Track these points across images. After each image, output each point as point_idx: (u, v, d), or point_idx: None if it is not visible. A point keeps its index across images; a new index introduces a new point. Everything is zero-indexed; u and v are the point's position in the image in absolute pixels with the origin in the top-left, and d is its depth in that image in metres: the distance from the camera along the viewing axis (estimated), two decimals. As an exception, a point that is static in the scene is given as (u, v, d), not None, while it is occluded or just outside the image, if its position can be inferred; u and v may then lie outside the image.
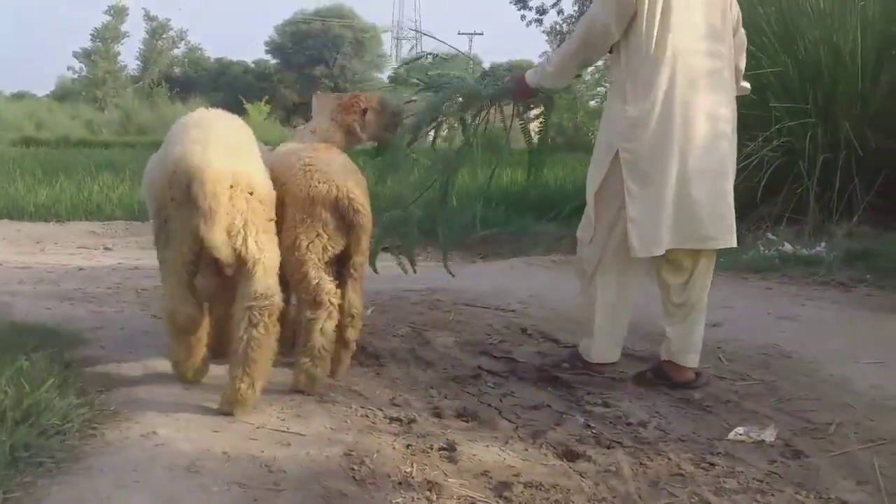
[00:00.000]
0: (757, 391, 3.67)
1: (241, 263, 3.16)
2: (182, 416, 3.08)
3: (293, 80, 49.42)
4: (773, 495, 2.67)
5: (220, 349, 3.55)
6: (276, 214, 3.35)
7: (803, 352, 4.20)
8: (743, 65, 3.90)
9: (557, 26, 25.40)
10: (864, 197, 6.99)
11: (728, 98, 3.69)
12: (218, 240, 3.05)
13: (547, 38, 25.15)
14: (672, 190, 3.55)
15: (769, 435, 3.14)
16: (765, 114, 7.15)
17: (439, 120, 4.26)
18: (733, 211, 3.69)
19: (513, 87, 3.99)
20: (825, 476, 2.82)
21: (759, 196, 6.93)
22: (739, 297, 5.45)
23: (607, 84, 3.89)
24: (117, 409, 3.09)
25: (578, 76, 4.20)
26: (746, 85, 3.99)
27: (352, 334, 3.62)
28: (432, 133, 4.43)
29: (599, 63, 4.04)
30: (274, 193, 3.34)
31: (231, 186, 3.11)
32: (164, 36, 47.94)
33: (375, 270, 4.35)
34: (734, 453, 3.00)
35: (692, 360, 3.77)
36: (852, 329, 4.69)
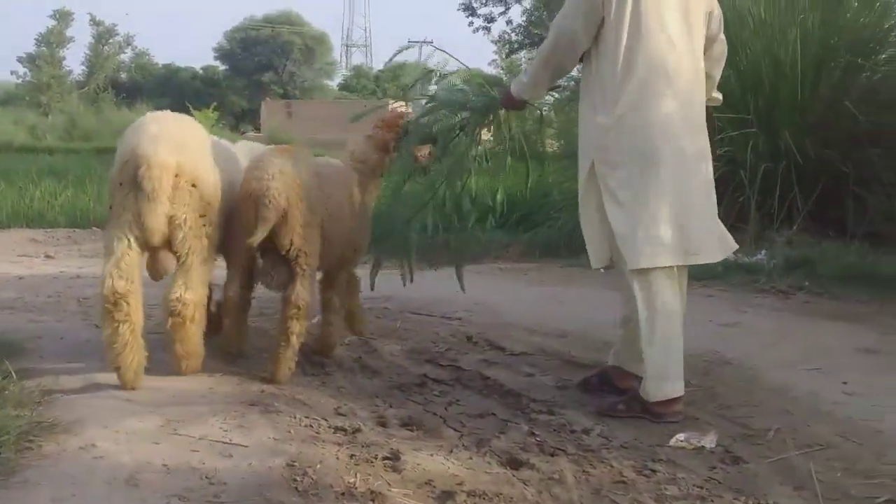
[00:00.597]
0: (698, 398, 3.72)
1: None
2: (122, 428, 3.03)
3: (242, 86, 49.05)
4: (712, 501, 2.71)
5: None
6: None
7: (744, 359, 4.28)
8: (717, 74, 3.79)
9: (506, 35, 25.57)
10: (803, 206, 7.14)
11: (701, 104, 3.62)
12: (155, 222, 3.41)
13: (495, 46, 25.28)
14: (655, 201, 3.43)
15: (709, 441, 3.19)
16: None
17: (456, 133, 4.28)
18: (718, 221, 3.60)
19: (503, 99, 3.96)
20: (763, 482, 2.87)
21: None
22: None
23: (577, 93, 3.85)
24: (55, 422, 3.04)
25: (557, 86, 4.26)
26: (718, 95, 3.89)
27: (296, 327, 3.64)
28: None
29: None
30: (218, 191, 3.63)
31: (176, 176, 3.44)
32: (111, 41, 47.20)
33: (372, 287, 4.50)
34: (675, 460, 3.04)
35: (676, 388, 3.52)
36: (791, 336, 4.78)
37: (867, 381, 3.93)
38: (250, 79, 49.53)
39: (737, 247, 3.70)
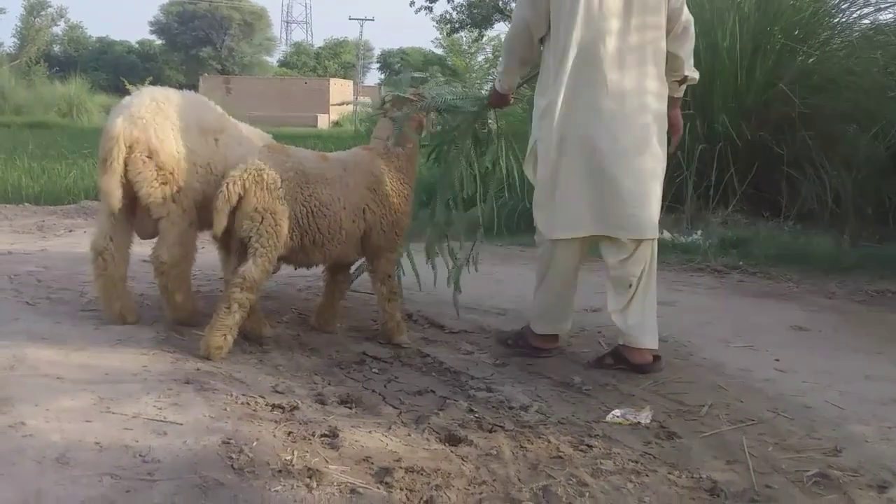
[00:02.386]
0: (634, 375, 3.77)
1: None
2: (53, 406, 2.97)
3: (179, 61, 48.24)
4: (647, 475, 2.75)
5: None
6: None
7: (679, 336, 4.35)
8: (683, 52, 3.85)
9: (448, 14, 25.44)
10: (739, 187, 7.27)
11: (652, 78, 3.70)
12: (107, 186, 3.84)
13: (436, 25, 25.14)
14: (581, 177, 3.69)
15: (645, 417, 3.23)
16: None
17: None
18: (652, 200, 3.78)
19: (490, 98, 4.21)
20: (697, 456, 2.92)
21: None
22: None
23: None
24: (-17, 400, 2.96)
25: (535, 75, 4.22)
26: (693, 74, 3.96)
27: (236, 296, 3.67)
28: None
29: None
30: (184, 162, 3.94)
31: (128, 147, 3.84)
32: (43, 13, 46.04)
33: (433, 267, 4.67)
34: (611, 435, 3.07)
35: (648, 342, 3.83)
36: (725, 314, 4.87)
37: (798, 358, 4.03)
38: (188, 53, 48.77)
39: (654, 235, 3.86)
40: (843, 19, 8.27)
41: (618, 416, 3.25)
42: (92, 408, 2.99)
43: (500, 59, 4.15)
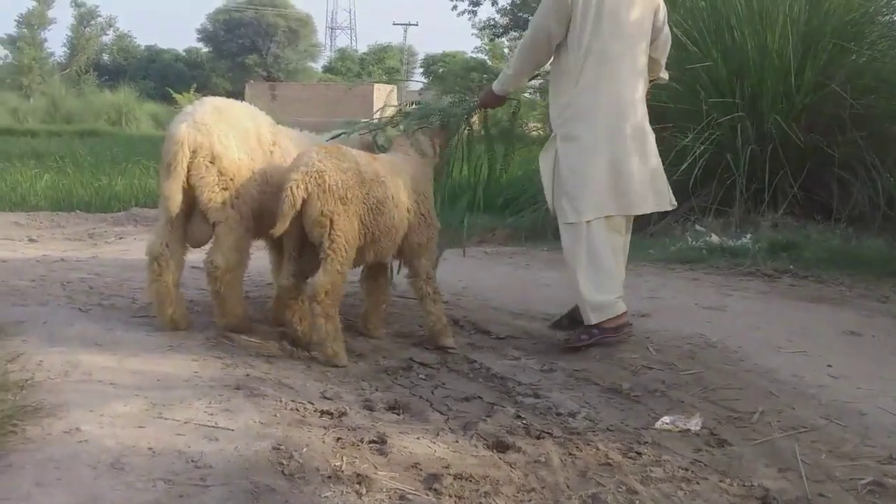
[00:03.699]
0: (683, 381, 3.74)
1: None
2: (107, 412, 3.01)
3: (225, 68, 48.81)
4: (697, 483, 2.72)
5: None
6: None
7: (729, 342, 4.29)
8: (664, 59, 4.50)
9: (492, 20, 25.41)
10: (788, 189, 7.17)
11: (643, 86, 4.33)
12: (169, 190, 3.89)
13: (476, 31, 25.12)
14: (602, 163, 4.16)
15: (695, 424, 3.20)
16: (695, 108, 7.28)
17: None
18: (654, 179, 4.31)
19: (483, 99, 4.58)
20: (748, 464, 2.89)
21: (690, 188, 7.04)
22: (667, 288, 5.54)
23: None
24: (39, 406, 3.00)
25: (537, 76, 4.90)
26: (665, 75, 4.61)
27: (315, 309, 3.79)
28: None
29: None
30: (245, 170, 4.02)
31: (193, 152, 3.91)
32: (93, 22, 46.89)
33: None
34: (661, 442, 3.05)
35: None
36: (776, 319, 4.80)
37: (851, 364, 3.96)
38: (234, 61, 49.31)
39: (674, 204, 4.47)
40: (894, 18, 8.13)
41: (667, 423, 3.22)
42: (145, 413, 3.03)
43: (511, 62, 4.52)
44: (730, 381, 3.74)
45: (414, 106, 4.76)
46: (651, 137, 4.33)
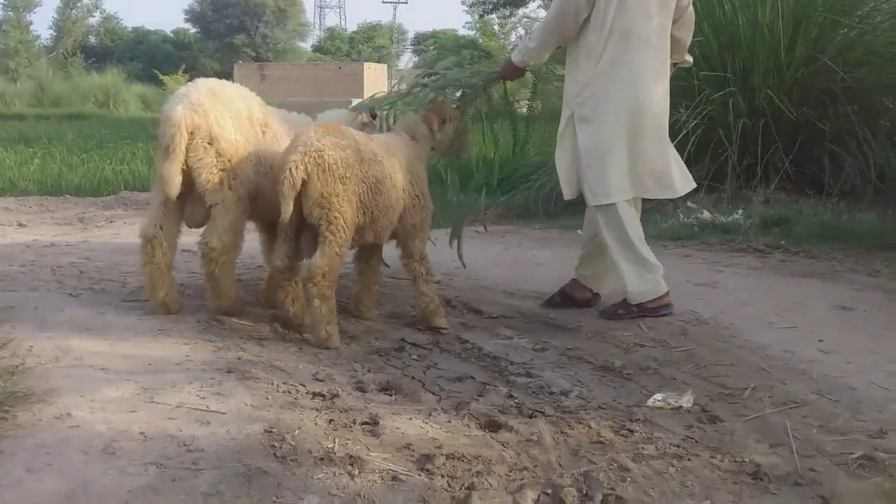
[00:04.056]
0: (675, 358, 3.75)
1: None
2: (98, 397, 3.00)
3: (213, 49, 48.53)
4: (689, 460, 2.73)
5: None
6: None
7: (720, 318, 4.30)
8: (688, 39, 4.48)
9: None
10: (780, 164, 7.16)
11: (666, 66, 4.30)
12: (168, 172, 3.85)
13: (466, 10, 24.98)
14: (620, 146, 4.17)
15: (686, 401, 3.21)
16: (687, 84, 7.26)
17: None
18: (672, 163, 4.32)
19: (503, 71, 4.54)
20: (739, 440, 2.90)
21: (683, 164, 7.01)
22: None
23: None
24: (30, 392, 3.00)
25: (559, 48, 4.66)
26: (689, 58, 4.60)
27: (312, 291, 3.78)
28: None
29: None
30: (241, 150, 4.01)
31: (190, 133, 3.89)
32: (79, 4, 46.51)
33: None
34: (653, 419, 3.05)
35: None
36: (768, 295, 4.81)
37: (842, 339, 3.97)
38: (222, 41, 49.02)
39: (693, 185, 4.54)
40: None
41: (659, 400, 3.22)
42: (136, 398, 3.03)
43: (534, 35, 4.40)
44: (721, 357, 3.75)
45: (433, 76, 4.70)
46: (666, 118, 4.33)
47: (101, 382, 3.16)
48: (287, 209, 3.68)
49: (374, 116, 4.61)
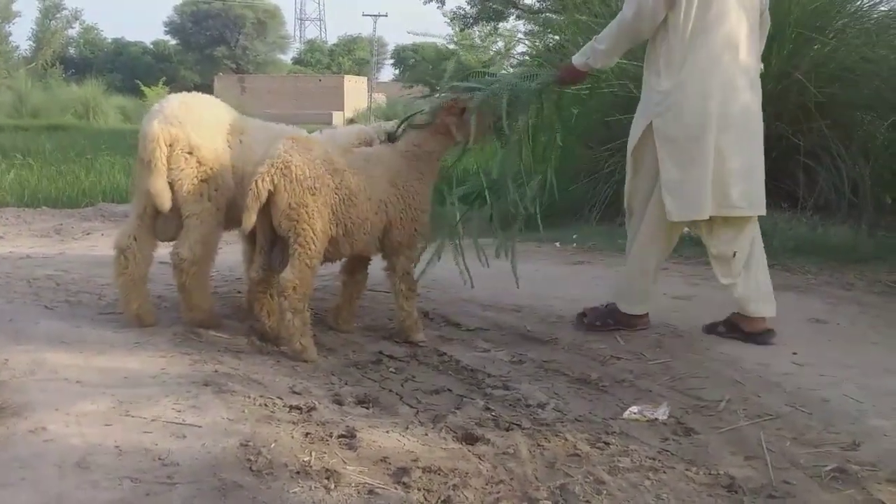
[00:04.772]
0: (651, 370, 3.77)
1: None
2: (73, 410, 2.99)
3: (194, 61, 48.42)
4: (664, 472, 2.75)
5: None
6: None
7: (696, 331, 4.33)
8: (762, 46, 4.25)
9: (461, 10, 25.27)
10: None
11: (756, 73, 4.09)
12: (155, 187, 3.89)
13: (447, 22, 24.97)
14: (706, 158, 3.93)
15: (662, 413, 3.23)
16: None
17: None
18: (762, 180, 4.16)
19: (563, 75, 4.25)
20: (714, 452, 2.92)
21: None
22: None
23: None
24: (4, 405, 2.99)
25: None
26: (761, 65, 4.29)
27: (283, 303, 3.79)
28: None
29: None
30: (221, 159, 4.05)
31: (169, 146, 3.92)
32: (58, 16, 46.27)
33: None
34: (628, 432, 3.07)
35: (762, 309, 4.15)
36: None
37: (816, 352, 4.01)
38: (202, 53, 48.95)
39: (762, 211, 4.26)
40: (860, 5, 8.18)
41: (635, 413, 3.24)
42: (111, 411, 3.01)
43: (604, 37, 4.06)
44: (697, 369, 3.78)
45: (487, 77, 4.35)
46: (760, 130, 4.15)
47: (77, 396, 3.15)
48: (249, 220, 3.70)
49: (392, 139, 4.30)
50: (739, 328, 4.17)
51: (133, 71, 40.55)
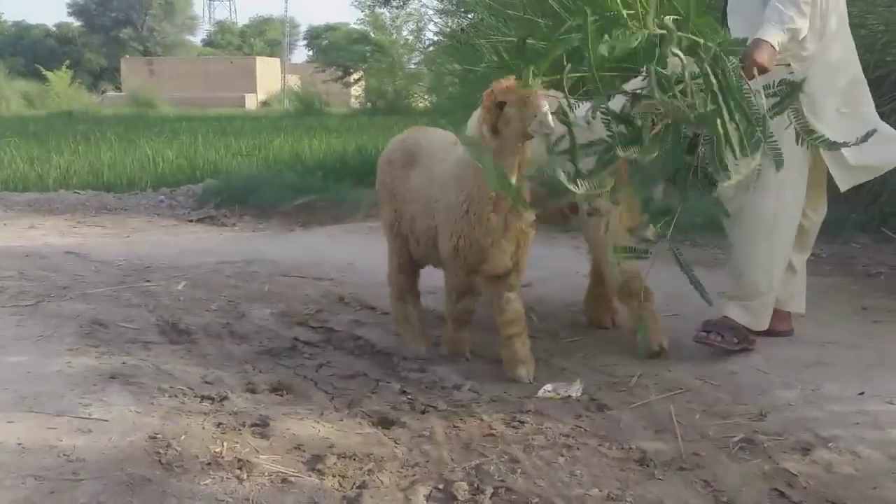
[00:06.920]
0: (565, 348, 3.81)
1: None
2: (-28, 408, 2.89)
3: (99, 43, 47.05)
4: (578, 449, 2.78)
5: None
6: None
7: (608, 308, 4.37)
8: None
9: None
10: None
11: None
12: None
13: (355, 4, 24.70)
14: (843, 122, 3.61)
15: (575, 390, 3.27)
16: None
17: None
18: None
19: (759, 55, 3.33)
20: (627, 427, 2.97)
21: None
22: (551, 257, 5.61)
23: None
24: None
25: None
26: None
27: None
28: None
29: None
30: None
31: None
32: (-46, -3, 44.44)
33: None
34: (543, 410, 3.10)
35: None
36: (653, 284, 4.89)
37: (724, 325, 4.09)
38: (107, 35, 47.59)
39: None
40: None
41: (549, 391, 3.27)
42: (14, 407, 2.93)
43: (792, 6, 3.45)
44: (609, 347, 3.83)
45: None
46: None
47: (-23, 394, 3.04)
48: None
49: None
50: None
51: (36, 55, 39.16)
